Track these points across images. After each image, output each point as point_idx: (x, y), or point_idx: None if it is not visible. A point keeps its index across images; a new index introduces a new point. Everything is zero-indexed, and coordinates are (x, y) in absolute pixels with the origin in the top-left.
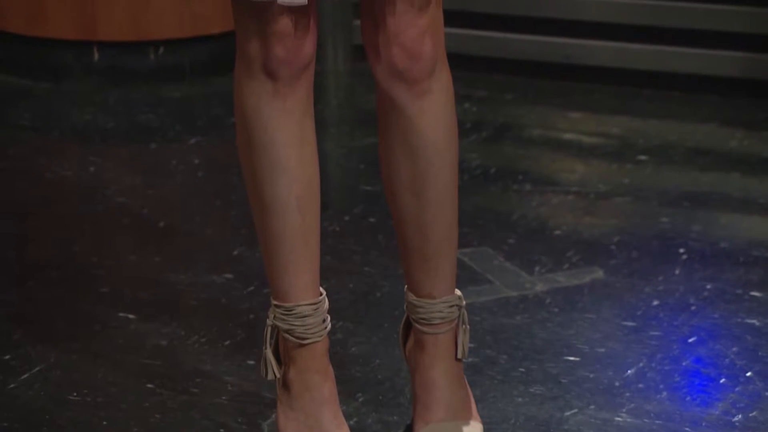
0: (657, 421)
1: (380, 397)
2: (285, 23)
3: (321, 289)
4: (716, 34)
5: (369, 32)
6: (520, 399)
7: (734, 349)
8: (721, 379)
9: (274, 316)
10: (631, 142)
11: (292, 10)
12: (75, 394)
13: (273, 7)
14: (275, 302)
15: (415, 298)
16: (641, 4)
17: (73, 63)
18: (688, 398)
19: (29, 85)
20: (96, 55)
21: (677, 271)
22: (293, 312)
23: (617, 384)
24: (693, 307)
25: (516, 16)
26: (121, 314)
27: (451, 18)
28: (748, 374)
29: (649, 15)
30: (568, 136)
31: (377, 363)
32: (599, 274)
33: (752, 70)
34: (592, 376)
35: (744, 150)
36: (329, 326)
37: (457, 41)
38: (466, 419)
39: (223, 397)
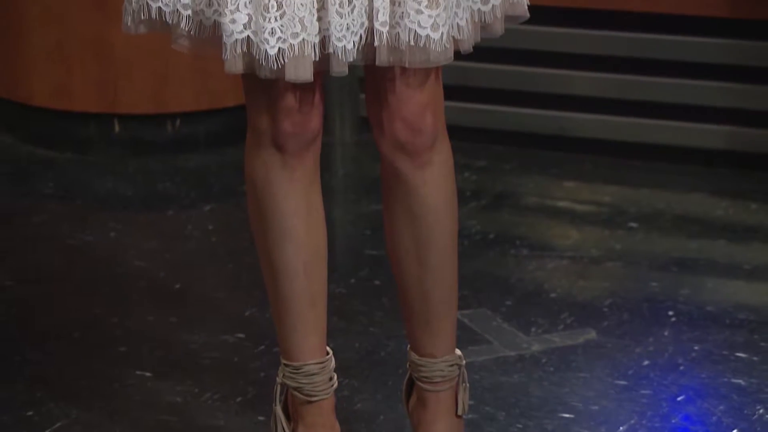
0: None
1: None
2: (292, 99)
3: (328, 348)
4: (702, 109)
5: (373, 107)
6: None
7: (721, 407)
8: None
9: (283, 375)
10: (622, 210)
11: (298, 86)
12: None
13: (280, 84)
14: (284, 361)
15: (417, 357)
16: (631, 79)
17: (96, 135)
18: None
19: (54, 156)
20: (117, 128)
21: (666, 333)
22: (301, 370)
23: None
24: (682, 367)
25: (513, 90)
26: (138, 372)
27: (452, 92)
28: None
29: (638, 90)
30: (562, 204)
31: (381, 419)
32: (592, 335)
33: (736, 143)
34: None
35: (729, 218)
36: (336, 384)
37: (457, 114)
38: None
39: None
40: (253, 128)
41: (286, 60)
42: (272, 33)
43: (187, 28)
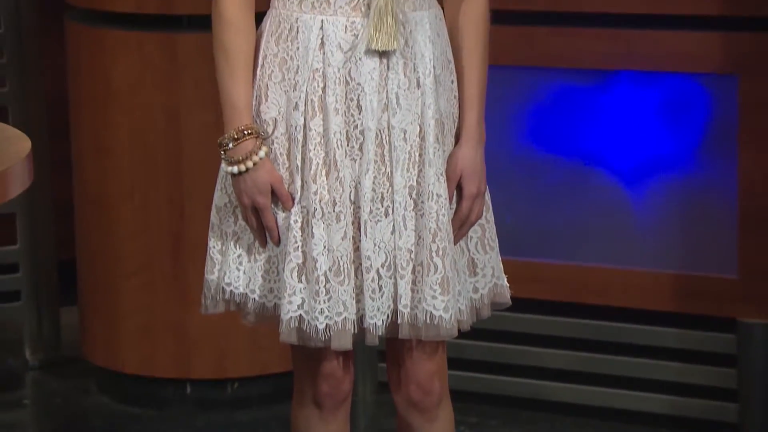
0: None
1: None
2: (329, 366)
3: None
4: (649, 381)
5: (392, 371)
6: None
7: None
8: None
9: None
10: None
11: (335, 356)
12: None
13: (321, 354)
14: None
15: None
16: (592, 356)
17: (172, 395)
18: None
19: (139, 413)
20: (189, 389)
21: None
22: None
23: None
24: None
25: (499, 363)
26: None
27: (451, 363)
28: None
29: (597, 365)
30: None
31: None
32: None
33: (676, 409)
34: None
35: None
36: None
37: (456, 380)
38: None
39: None
40: (298, 388)
41: (331, 333)
42: (321, 312)
43: (252, 308)
